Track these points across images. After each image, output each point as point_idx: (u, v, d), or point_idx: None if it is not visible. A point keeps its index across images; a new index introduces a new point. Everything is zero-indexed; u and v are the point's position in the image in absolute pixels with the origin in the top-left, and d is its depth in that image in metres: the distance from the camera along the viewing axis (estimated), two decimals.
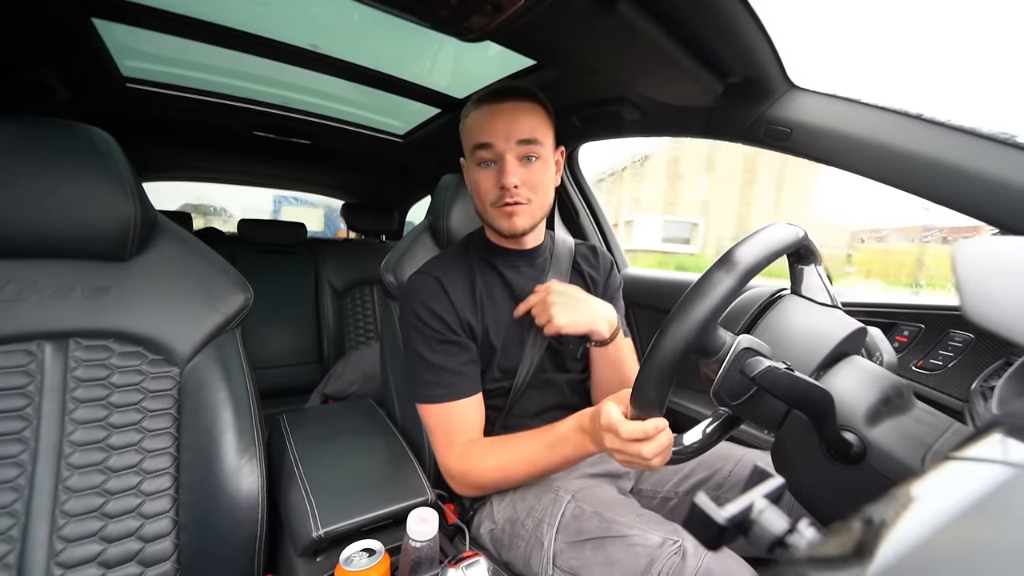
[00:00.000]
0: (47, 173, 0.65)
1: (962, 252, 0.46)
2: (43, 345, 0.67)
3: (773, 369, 0.43)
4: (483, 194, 0.80)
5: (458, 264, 0.88)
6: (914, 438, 0.42)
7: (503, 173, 0.77)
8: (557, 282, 0.83)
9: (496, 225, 0.82)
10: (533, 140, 0.78)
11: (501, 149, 0.77)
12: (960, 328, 0.82)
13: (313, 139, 1.75)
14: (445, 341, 0.80)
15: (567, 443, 0.69)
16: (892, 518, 0.23)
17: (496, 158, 0.78)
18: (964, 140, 0.70)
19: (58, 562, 0.62)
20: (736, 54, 0.80)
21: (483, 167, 0.80)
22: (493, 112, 0.78)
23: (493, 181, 0.78)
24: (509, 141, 0.77)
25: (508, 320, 0.85)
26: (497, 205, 0.79)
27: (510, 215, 0.79)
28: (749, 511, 0.32)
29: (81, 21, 0.97)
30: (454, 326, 0.81)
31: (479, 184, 0.80)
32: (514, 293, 0.87)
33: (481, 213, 0.84)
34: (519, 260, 0.90)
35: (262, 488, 0.73)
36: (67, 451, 0.65)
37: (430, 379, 0.80)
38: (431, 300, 0.81)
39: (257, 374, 0.81)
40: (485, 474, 0.76)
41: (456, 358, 0.80)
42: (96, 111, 1.37)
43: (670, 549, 0.59)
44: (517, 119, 0.78)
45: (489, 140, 0.77)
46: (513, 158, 0.77)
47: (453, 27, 0.75)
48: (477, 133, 0.78)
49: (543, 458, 0.72)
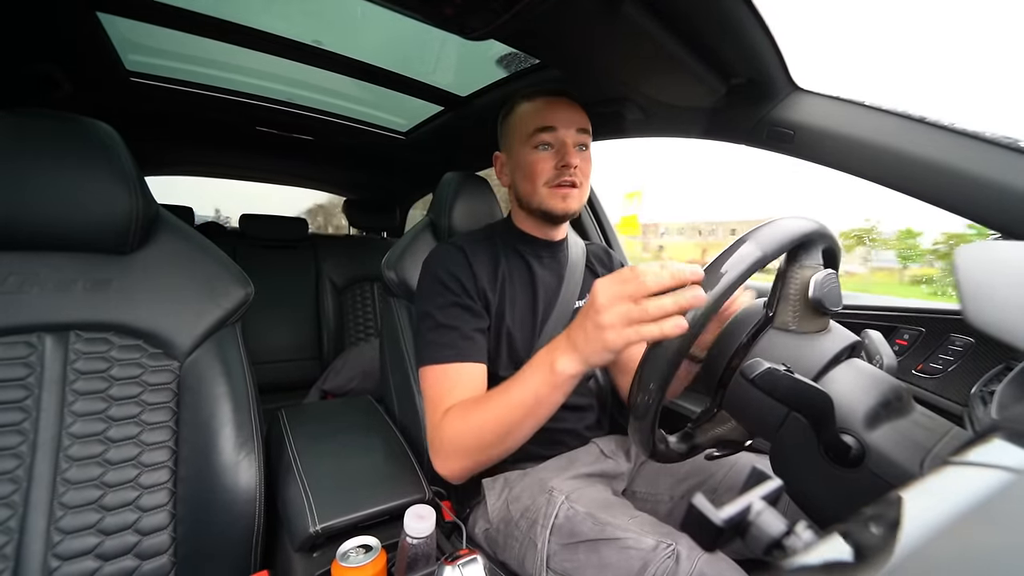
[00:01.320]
0: (50, 166, 0.65)
1: (963, 256, 0.46)
2: (44, 337, 0.67)
3: (773, 371, 0.43)
4: (539, 174, 0.83)
5: (484, 244, 0.90)
6: (913, 442, 0.42)
7: (566, 153, 0.82)
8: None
9: (548, 205, 0.84)
10: (587, 131, 0.86)
11: (563, 133, 0.83)
12: (960, 332, 0.81)
13: (316, 135, 1.75)
14: (458, 304, 0.80)
15: (532, 368, 0.61)
16: (890, 522, 0.23)
17: (556, 141, 0.83)
18: (967, 144, 0.69)
19: (55, 553, 0.62)
20: (740, 55, 0.80)
21: (541, 150, 0.84)
22: (553, 102, 0.85)
23: (552, 162, 0.83)
24: (570, 127, 0.84)
25: (524, 308, 0.87)
26: (552, 185, 0.83)
27: (565, 196, 0.83)
28: (747, 513, 0.31)
29: (86, 15, 0.97)
30: (471, 291, 0.82)
31: (535, 164, 0.83)
32: (535, 282, 0.89)
33: (528, 196, 0.86)
34: (544, 251, 0.93)
35: (260, 483, 0.73)
36: (66, 443, 0.66)
37: (436, 339, 0.77)
38: (452, 264, 0.83)
39: (256, 369, 0.81)
40: (464, 437, 0.68)
41: (468, 323, 0.80)
42: (100, 105, 1.38)
43: (664, 552, 0.59)
44: (575, 110, 0.86)
45: (553, 124, 0.83)
46: (571, 143, 0.83)
47: (457, 25, 0.75)
48: (538, 118, 0.83)
49: (511, 398, 0.63)
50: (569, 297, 0.91)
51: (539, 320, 0.87)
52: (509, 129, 0.90)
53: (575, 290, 0.92)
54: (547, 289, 0.90)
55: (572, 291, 0.92)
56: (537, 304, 0.88)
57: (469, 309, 0.81)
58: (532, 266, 0.90)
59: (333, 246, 2.21)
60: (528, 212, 0.89)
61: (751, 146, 0.95)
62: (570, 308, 0.90)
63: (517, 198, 0.91)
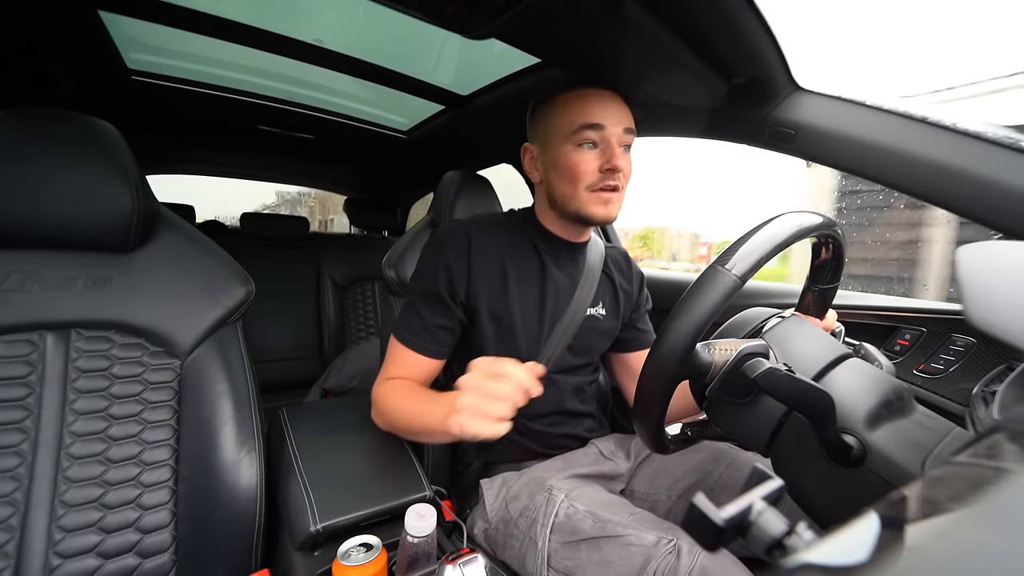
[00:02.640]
0: (51, 164, 0.65)
1: (965, 257, 0.46)
2: (45, 335, 0.67)
3: (774, 371, 0.43)
4: (581, 176, 0.76)
5: (495, 233, 0.84)
6: (914, 442, 0.42)
7: (612, 155, 0.75)
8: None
9: (588, 211, 0.78)
10: (633, 130, 0.79)
11: (610, 132, 0.76)
12: (962, 332, 0.81)
13: (317, 134, 1.75)
14: (435, 295, 0.80)
15: (438, 406, 0.65)
16: (891, 522, 0.23)
17: (601, 140, 0.76)
18: (969, 144, 0.69)
19: (57, 551, 0.62)
20: (741, 54, 0.79)
21: (585, 148, 0.76)
22: (600, 95, 0.77)
23: (596, 163, 0.76)
24: (618, 126, 0.76)
25: (531, 306, 0.84)
26: (595, 189, 0.77)
27: (607, 201, 0.78)
28: (748, 512, 0.31)
29: (88, 13, 0.97)
30: (457, 288, 0.80)
31: (579, 166, 0.76)
32: (545, 282, 0.85)
33: (567, 198, 0.79)
34: (563, 252, 0.87)
35: (261, 481, 0.73)
36: (67, 441, 0.66)
37: (404, 319, 0.82)
38: (449, 252, 0.80)
39: (257, 367, 0.81)
40: (385, 412, 0.78)
41: (435, 317, 0.80)
42: (101, 103, 1.38)
43: (665, 548, 0.59)
44: (623, 107, 0.79)
45: (601, 121, 0.75)
46: (617, 144, 0.76)
47: (458, 24, 0.74)
48: (585, 113, 0.76)
49: (418, 414, 0.71)
50: (582, 302, 0.86)
51: (547, 322, 0.84)
52: (546, 120, 0.81)
53: (588, 296, 0.87)
54: (558, 291, 0.85)
55: (585, 296, 0.87)
56: (545, 305, 0.84)
57: (443, 303, 0.80)
58: (546, 265, 0.85)
59: (334, 245, 2.21)
60: (561, 214, 0.83)
61: (753, 146, 0.95)
62: (582, 313, 0.86)
63: (550, 197, 0.83)
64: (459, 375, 0.60)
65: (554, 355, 0.83)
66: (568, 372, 0.89)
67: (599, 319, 0.90)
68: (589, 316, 0.88)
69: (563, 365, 0.87)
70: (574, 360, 0.89)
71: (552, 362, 0.83)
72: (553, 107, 0.80)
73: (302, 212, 6.56)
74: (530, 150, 0.86)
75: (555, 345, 0.84)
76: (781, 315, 0.56)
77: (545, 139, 0.82)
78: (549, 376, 0.85)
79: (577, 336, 0.86)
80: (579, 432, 0.91)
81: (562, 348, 0.84)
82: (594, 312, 0.89)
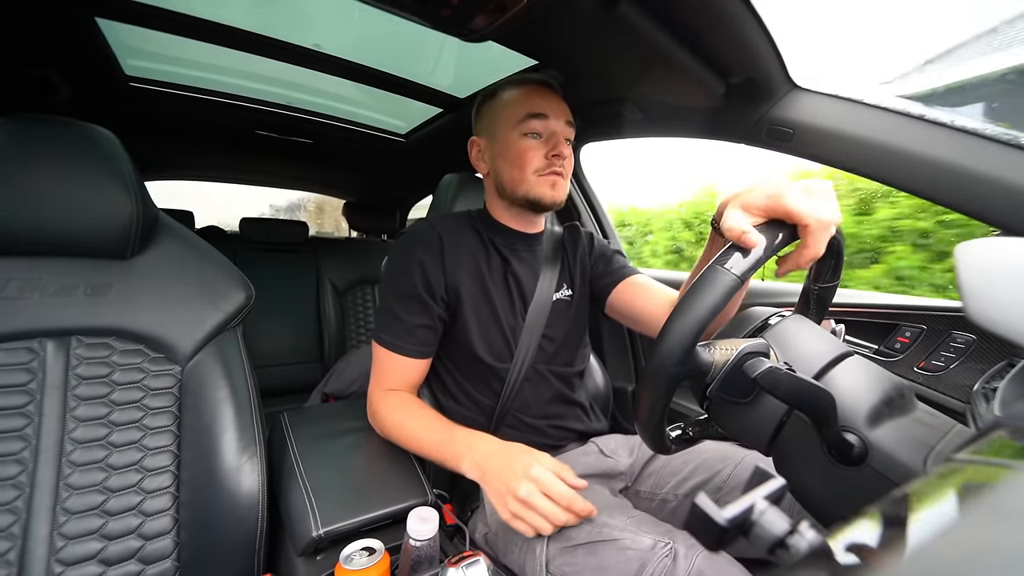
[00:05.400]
0: (50, 171, 0.65)
1: (965, 253, 0.46)
2: (45, 343, 0.67)
3: (775, 370, 0.43)
4: (528, 162, 0.82)
5: (462, 232, 0.88)
6: (916, 439, 0.42)
7: (557, 143, 0.81)
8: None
9: (536, 193, 0.83)
10: (573, 125, 0.85)
11: (554, 123, 0.82)
12: (962, 329, 0.81)
13: (315, 138, 1.75)
14: (412, 296, 0.81)
15: (450, 439, 0.74)
16: (893, 520, 0.23)
17: (546, 131, 0.82)
18: (966, 141, 0.69)
19: (58, 559, 0.62)
20: (738, 54, 0.80)
21: (531, 137, 0.82)
22: (543, 91, 0.84)
23: (542, 151, 0.82)
24: (560, 118, 0.83)
25: (503, 301, 0.87)
26: (543, 173, 0.82)
27: (553, 184, 0.83)
28: (750, 512, 0.31)
29: (85, 20, 0.98)
30: (434, 285, 0.81)
31: (526, 152, 0.82)
32: (509, 277, 0.88)
33: (515, 184, 0.84)
34: (520, 244, 0.91)
35: (262, 486, 0.73)
36: (68, 448, 0.66)
37: (384, 323, 0.83)
38: (423, 250, 0.82)
39: (258, 372, 0.81)
40: (387, 424, 0.81)
41: (416, 317, 0.82)
42: (99, 110, 1.38)
43: (661, 552, 0.59)
44: (563, 103, 0.85)
45: (545, 112, 0.82)
46: (560, 134, 0.83)
47: (455, 27, 0.75)
48: (529, 104, 0.82)
49: (424, 437, 0.77)
50: (546, 289, 0.90)
51: (519, 312, 0.87)
52: (492, 113, 0.86)
53: (552, 283, 0.91)
54: (524, 284, 0.89)
55: (549, 284, 0.91)
56: (514, 300, 0.88)
57: (422, 302, 0.81)
58: (509, 261, 0.89)
59: (333, 249, 2.21)
60: (511, 201, 0.87)
61: (750, 145, 0.95)
62: (549, 301, 0.90)
63: (499, 187, 0.87)
64: (444, 372, 0.61)
65: (531, 345, 0.86)
66: (551, 361, 0.91)
67: (567, 301, 0.94)
68: (556, 300, 0.91)
69: (546, 354, 0.90)
70: (552, 348, 0.91)
71: (530, 353, 0.86)
72: (499, 101, 0.86)
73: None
74: (477, 143, 0.90)
75: (531, 335, 0.87)
76: (781, 314, 0.56)
77: (492, 131, 0.86)
78: (534, 368, 0.88)
79: (550, 323, 0.89)
80: (575, 425, 0.91)
81: (538, 337, 0.87)
82: (560, 296, 0.93)
